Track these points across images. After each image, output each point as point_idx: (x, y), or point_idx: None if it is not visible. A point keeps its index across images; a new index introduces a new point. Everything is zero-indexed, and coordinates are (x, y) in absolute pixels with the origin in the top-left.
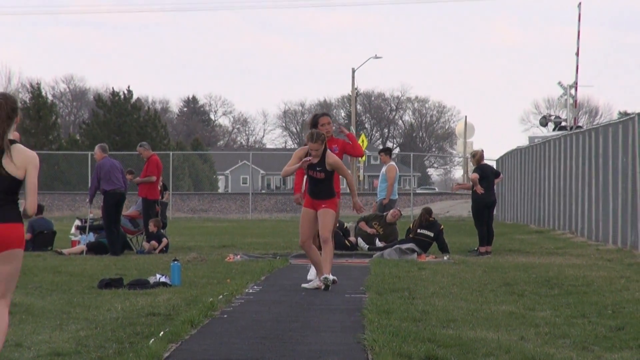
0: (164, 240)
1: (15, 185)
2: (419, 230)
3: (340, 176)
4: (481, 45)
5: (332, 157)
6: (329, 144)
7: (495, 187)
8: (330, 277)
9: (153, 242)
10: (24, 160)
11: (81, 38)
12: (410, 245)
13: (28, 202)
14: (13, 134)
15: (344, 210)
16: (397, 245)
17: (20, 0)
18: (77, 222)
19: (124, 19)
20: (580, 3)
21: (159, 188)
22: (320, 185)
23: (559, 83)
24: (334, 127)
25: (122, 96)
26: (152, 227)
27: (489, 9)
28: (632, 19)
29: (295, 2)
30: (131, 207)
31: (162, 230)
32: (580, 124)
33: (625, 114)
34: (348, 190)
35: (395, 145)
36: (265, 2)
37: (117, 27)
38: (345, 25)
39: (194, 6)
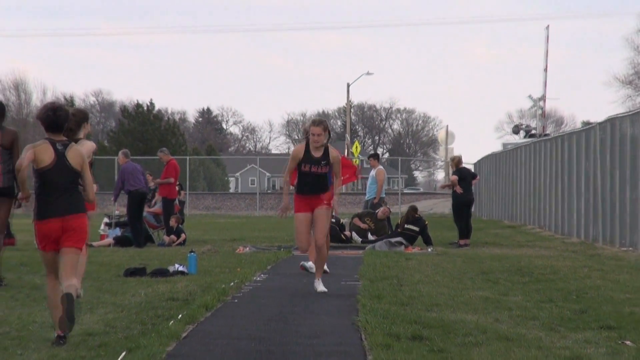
0: (182, 235)
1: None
2: (406, 226)
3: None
4: (461, 62)
5: (335, 151)
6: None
7: (472, 187)
8: (320, 287)
9: (172, 236)
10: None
11: (108, 56)
12: (399, 238)
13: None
14: None
15: (340, 207)
16: (387, 239)
17: (55, 23)
18: (106, 219)
19: (147, 39)
20: (548, 26)
21: (177, 188)
22: (321, 180)
23: (529, 96)
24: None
25: (145, 108)
26: (172, 223)
27: (468, 30)
28: (594, 39)
29: (298, 25)
30: (156, 204)
31: (180, 226)
32: (547, 132)
33: (588, 123)
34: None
35: (384, 151)
36: (271, 24)
37: (140, 47)
38: (341, 45)
39: (209, 28)
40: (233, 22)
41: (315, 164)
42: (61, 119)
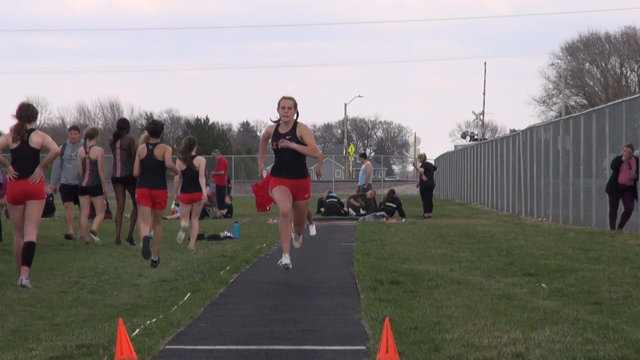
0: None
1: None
2: (387, 203)
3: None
4: (425, 87)
5: (303, 127)
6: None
7: (434, 176)
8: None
9: (223, 210)
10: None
11: (177, 84)
12: (382, 212)
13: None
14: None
15: (340, 191)
16: (373, 213)
17: (139, 61)
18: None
19: (204, 72)
20: (485, 62)
21: (226, 178)
22: (292, 160)
23: (473, 111)
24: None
25: (202, 121)
26: (227, 200)
27: (430, 65)
28: (518, 71)
29: (309, 63)
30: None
31: (230, 203)
32: (486, 137)
33: (514, 131)
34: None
35: (371, 151)
36: (291, 62)
37: (199, 78)
38: (340, 76)
39: (247, 65)
40: (264, 61)
41: (280, 139)
42: (158, 129)
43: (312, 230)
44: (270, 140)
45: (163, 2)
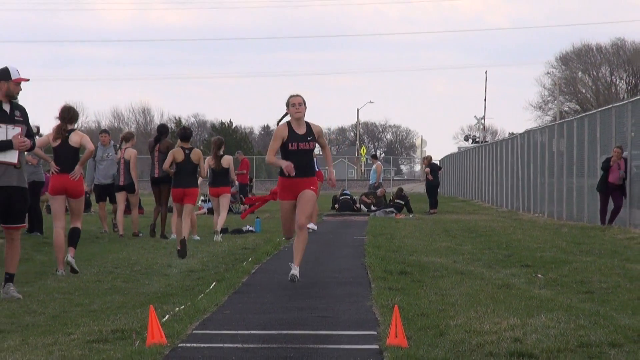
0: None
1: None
2: (395, 200)
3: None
4: (430, 94)
5: (318, 128)
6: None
7: (439, 175)
8: (296, 272)
9: (246, 205)
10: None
11: (202, 90)
12: (391, 209)
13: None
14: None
15: (353, 189)
16: (383, 209)
17: (168, 69)
18: (202, 197)
19: (228, 80)
20: (486, 71)
21: (248, 177)
22: (307, 158)
23: (475, 116)
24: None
25: (226, 124)
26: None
27: (436, 74)
28: (516, 79)
29: (323, 71)
30: (232, 187)
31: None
32: (487, 140)
33: (512, 134)
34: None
35: (381, 152)
36: (306, 71)
37: (224, 85)
38: (353, 83)
39: (266, 73)
40: (283, 69)
41: (301, 140)
42: (188, 135)
43: (312, 226)
44: (286, 142)
45: (190, 16)
